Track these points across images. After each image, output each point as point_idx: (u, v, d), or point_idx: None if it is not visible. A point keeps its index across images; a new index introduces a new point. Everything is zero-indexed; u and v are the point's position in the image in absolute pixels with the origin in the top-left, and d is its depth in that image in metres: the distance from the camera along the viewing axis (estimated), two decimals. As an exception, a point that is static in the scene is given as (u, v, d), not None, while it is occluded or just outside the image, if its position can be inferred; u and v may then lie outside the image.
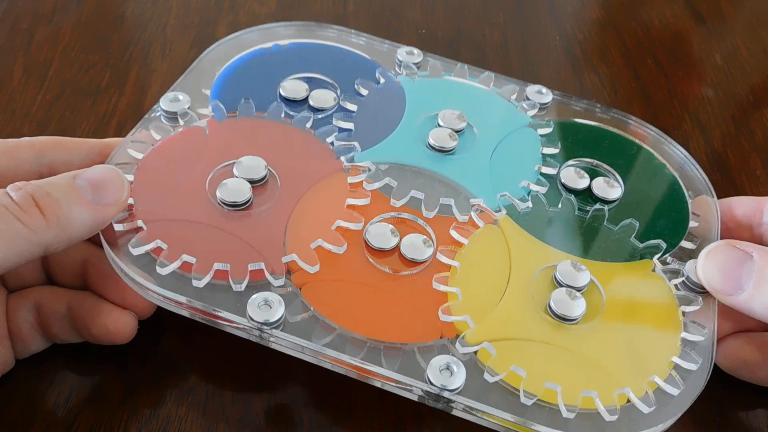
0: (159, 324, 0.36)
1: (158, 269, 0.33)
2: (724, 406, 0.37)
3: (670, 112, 0.51)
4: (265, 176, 0.36)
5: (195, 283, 0.32)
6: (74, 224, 0.31)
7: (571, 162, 0.41)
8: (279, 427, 0.35)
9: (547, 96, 0.44)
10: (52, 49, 0.50)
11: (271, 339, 0.32)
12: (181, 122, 0.39)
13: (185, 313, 0.33)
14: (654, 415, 0.31)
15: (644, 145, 0.43)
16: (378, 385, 0.32)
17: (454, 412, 0.31)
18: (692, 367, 0.33)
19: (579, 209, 0.38)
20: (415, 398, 0.31)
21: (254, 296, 0.32)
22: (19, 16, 0.51)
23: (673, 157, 0.42)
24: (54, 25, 0.51)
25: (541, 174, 0.40)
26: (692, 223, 0.39)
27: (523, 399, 0.31)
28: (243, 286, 0.33)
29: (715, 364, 0.33)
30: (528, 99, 0.44)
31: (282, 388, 0.36)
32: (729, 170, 0.48)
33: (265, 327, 0.31)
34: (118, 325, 0.34)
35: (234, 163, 0.37)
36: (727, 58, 0.55)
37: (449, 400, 0.31)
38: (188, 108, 0.39)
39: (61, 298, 0.35)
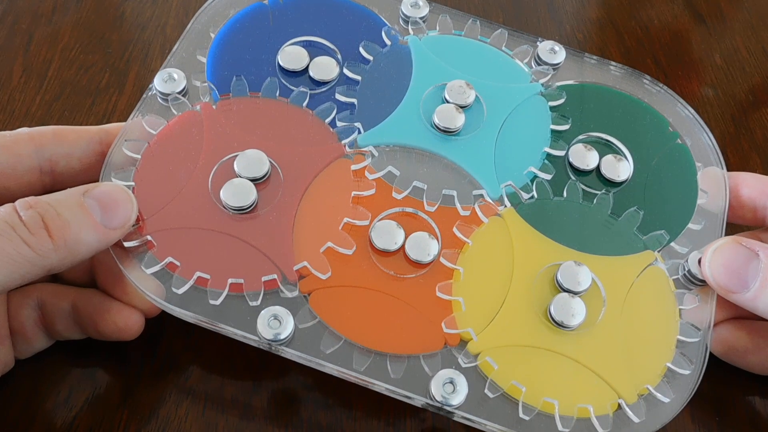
0: (159, 323, 0.36)
1: (174, 289, 0.33)
2: (721, 394, 0.37)
3: (670, 112, 0.51)
4: (267, 172, 0.36)
5: (212, 301, 0.32)
6: (81, 247, 0.30)
7: (580, 137, 0.40)
8: (279, 426, 0.35)
9: (560, 55, 0.42)
10: (52, 48, 0.50)
11: (281, 351, 0.32)
12: (174, 110, 0.38)
13: (193, 321, 0.33)
14: (643, 421, 0.32)
15: (658, 112, 0.41)
16: (381, 391, 0.32)
17: (455, 418, 0.32)
18: (684, 372, 0.33)
19: (585, 194, 0.38)
20: (418, 405, 0.32)
21: (263, 312, 0.32)
22: (19, 16, 0.51)
23: (686, 120, 0.42)
24: (53, 25, 0.51)
25: (548, 158, 0.39)
26: (700, 200, 0.38)
27: (522, 414, 0.31)
28: (259, 301, 0.33)
29: (711, 354, 0.34)
30: (541, 62, 0.42)
31: (282, 386, 0.36)
32: (729, 170, 0.47)
33: (274, 343, 0.32)
34: (127, 323, 0.34)
35: (234, 156, 0.36)
36: (727, 57, 0.55)
37: (450, 413, 0.31)
38: (182, 90, 0.38)
39: (65, 295, 0.35)
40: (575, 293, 0.34)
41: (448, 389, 0.31)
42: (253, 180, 0.35)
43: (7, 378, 0.34)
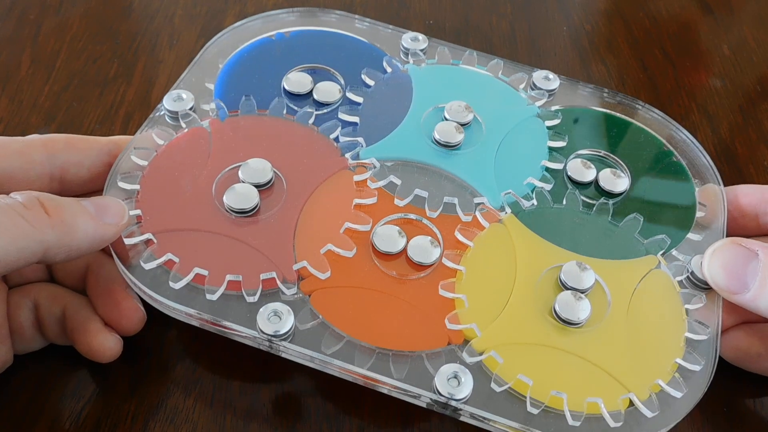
0: (166, 315, 0.37)
1: (171, 284, 0.33)
2: (732, 396, 0.37)
3: (678, 103, 0.51)
4: (271, 179, 0.36)
5: (209, 296, 0.33)
6: (78, 232, 0.31)
7: (578, 152, 0.41)
8: (286, 418, 0.35)
9: (554, 82, 0.43)
10: (60, 39, 0.50)
11: (281, 349, 0.32)
12: (183, 124, 0.39)
13: (195, 323, 0.33)
14: (658, 418, 0.31)
15: (652, 132, 0.42)
16: (385, 391, 0.32)
17: (462, 418, 0.32)
18: (695, 368, 0.33)
19: (584, 204, 0.38)
20: (423, 405, 0.32)
21: (263, 308, 0.32)
22: (27, 7, 0.51)
23: (680, 143, 0.42)
24: (62, 16, 0.51)
25: (547, 170, 0.39)
26: (699, 213, 0.38)
27: (529, 408, 0.31)
28: (256, 297, 0.33)
29: (720, 356, 0.33)
30: (536, 87, 0.43)
31: (289, 379, 0.36)
32: (737, 161, 0.47)
33: (274, 339, 0.32)
34: (100, 347, 0.34)
35: (239, 165, 0.36)
36: (735, 48, 0.55)
37: (457, 408, 0.31)
38: (191, 108, 0.39)
39: (59, 299, 0.35)
40: (580, 291, 0.34)
41: (453, 384, 0.31)
42: (256, 186, 0.36)
43: (15, 369, 0.34)
